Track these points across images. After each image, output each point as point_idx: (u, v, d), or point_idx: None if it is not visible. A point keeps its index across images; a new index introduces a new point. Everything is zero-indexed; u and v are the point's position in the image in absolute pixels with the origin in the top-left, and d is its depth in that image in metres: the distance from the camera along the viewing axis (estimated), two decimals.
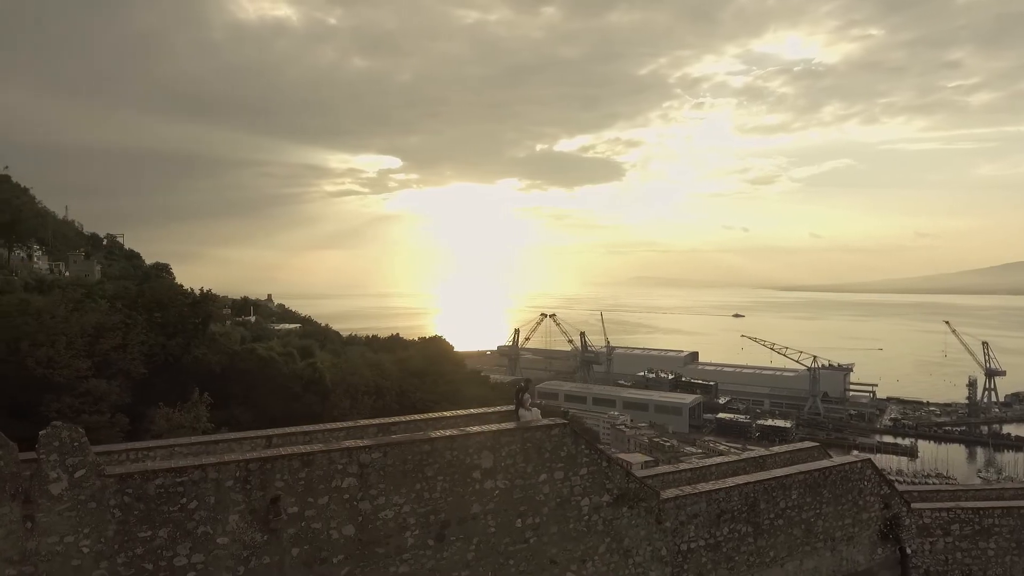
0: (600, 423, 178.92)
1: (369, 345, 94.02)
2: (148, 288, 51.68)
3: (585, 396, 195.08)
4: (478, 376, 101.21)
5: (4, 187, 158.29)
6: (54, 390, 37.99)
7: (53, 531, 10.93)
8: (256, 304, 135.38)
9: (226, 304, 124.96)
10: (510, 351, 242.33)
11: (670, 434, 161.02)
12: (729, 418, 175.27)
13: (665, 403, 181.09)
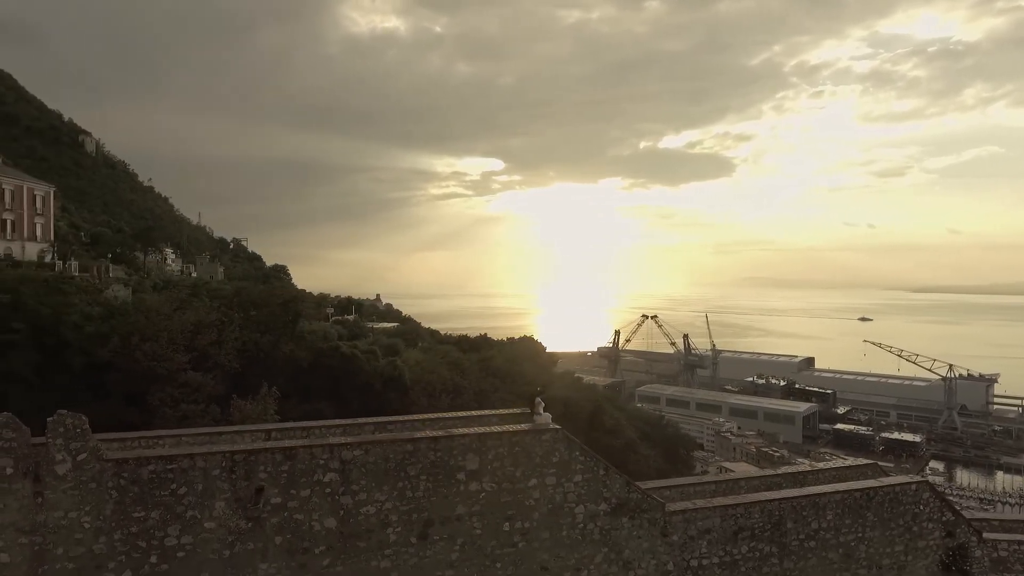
0: (704, 429, 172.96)
1: (458, 345, 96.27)
2: (244, 289, 55.81)
3: (688, 401, 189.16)
4: (570, 377, 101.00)
5: (148, 197, 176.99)
6: (158, 381, 42.03)
7: (59, 507, 12.33)
8: (360, 304, 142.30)
9: (330, 303, 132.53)
10: (610, 353, 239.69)
11: (780, 444, 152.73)
12: (849, 430, 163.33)
13: (776, 411, 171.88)
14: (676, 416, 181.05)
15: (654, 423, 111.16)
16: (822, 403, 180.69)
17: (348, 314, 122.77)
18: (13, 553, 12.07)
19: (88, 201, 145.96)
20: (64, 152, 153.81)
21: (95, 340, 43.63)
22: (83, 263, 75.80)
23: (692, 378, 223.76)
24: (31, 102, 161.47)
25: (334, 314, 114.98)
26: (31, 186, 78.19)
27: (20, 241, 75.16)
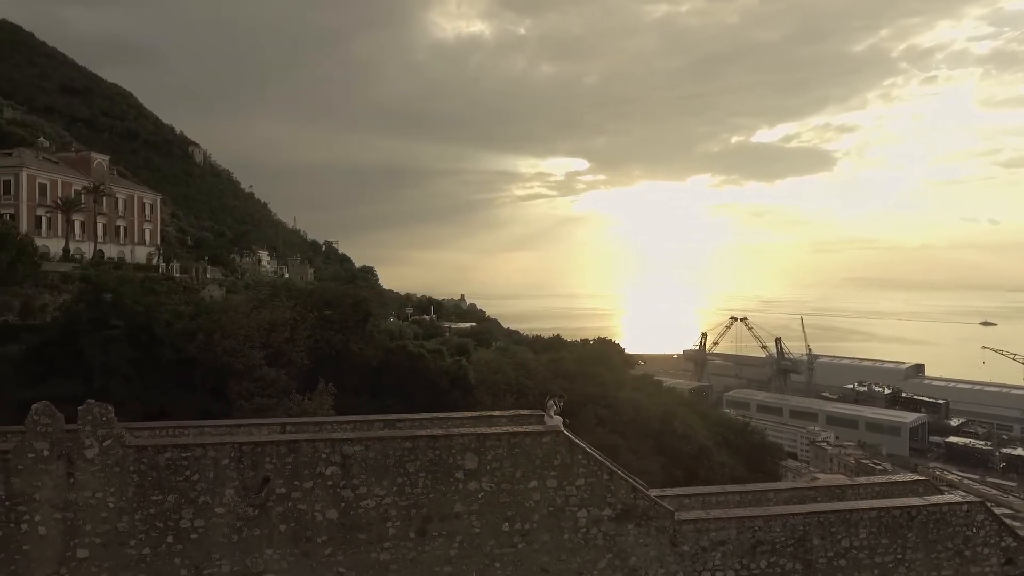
0: (797, 438, 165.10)
1: (531, 345, 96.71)
2: (318, 289, 58.61)
3: (781, 408, 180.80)
4: (645, 380, 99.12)
5: (248, 203, 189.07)
6: (236, 375, 44.98)
7: (87, 487, 13.67)
8: (439, 304, 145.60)
9: (411, 303, 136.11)
10: (696, 356, 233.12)
11: (884, 456, 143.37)
12: (964, 444, 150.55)
13: (880, 421, 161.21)
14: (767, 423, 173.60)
15: (738, 430, 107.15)
16: (933, 414, 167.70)
17: (427, 314, 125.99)
18: (49, 527, 13.50)
19: (195, 207, 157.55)
20: (176, 163, 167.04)
21: (183, 337, 47.18)
22: (184, 265, 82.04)
23: (785, 384, 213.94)
24: (148, 118, 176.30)
25: (413, 314, 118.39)
26: (141, 195, 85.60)
27: (131, 245, 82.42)
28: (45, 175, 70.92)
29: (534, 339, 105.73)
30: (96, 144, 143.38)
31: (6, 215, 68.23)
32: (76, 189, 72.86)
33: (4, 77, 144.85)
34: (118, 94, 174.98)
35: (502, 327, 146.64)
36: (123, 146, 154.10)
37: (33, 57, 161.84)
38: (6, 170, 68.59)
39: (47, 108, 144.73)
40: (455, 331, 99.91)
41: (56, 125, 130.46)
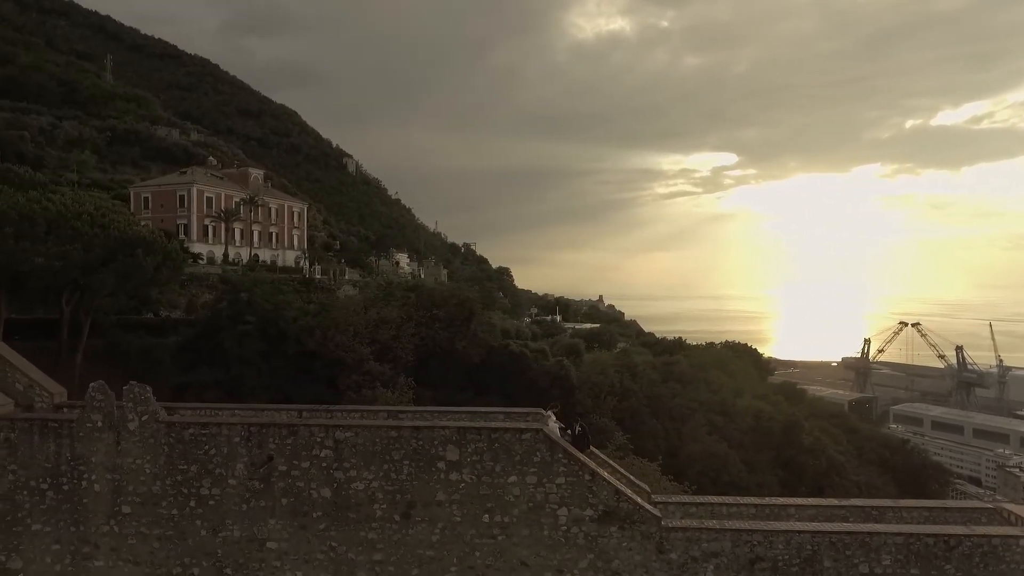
0: (982, 462, 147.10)
1: (652, 348, 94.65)
2: (425, 289, 61.86)
3: (962, 426, 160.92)
4: (785, 388, 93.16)
5: (394, 208, 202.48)
6: (347, 368, 49.13)
7: (130, 454, 16.32)
8: (568, 305, 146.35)
9: (535, 303, 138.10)
10: (857, 364, 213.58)
11: None
12: None
13: None
14: (944, 443, 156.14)
15: (895, 447, 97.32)
16: None
17: (552, 314, 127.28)
18: (102, 485, 16.31)
19: (347, 213, 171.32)
20: (331, 173, 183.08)
21: (304, 332, 52.31)
22: (324, 267, 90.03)
23: (968, 399, 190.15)
24: (309, 134, 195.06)
25: (538, 314, 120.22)
26: (290, 204, 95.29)
27: (282, 249, 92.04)
28: (211, 189, 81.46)
29: (655, 342, 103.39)
30: (265, 159, 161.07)
31: (181, 225, 79.28)
32: (236, 201, 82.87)
33: (194, 105, 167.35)
34: (285, 114, 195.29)
35: (621, 328, 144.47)
36: (287, 160, 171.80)
37: (218, 86, 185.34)
38: (181, 186, 79.70)
39: (228, 130, 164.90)
40: (575, 332, 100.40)
41: (232, 144, 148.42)
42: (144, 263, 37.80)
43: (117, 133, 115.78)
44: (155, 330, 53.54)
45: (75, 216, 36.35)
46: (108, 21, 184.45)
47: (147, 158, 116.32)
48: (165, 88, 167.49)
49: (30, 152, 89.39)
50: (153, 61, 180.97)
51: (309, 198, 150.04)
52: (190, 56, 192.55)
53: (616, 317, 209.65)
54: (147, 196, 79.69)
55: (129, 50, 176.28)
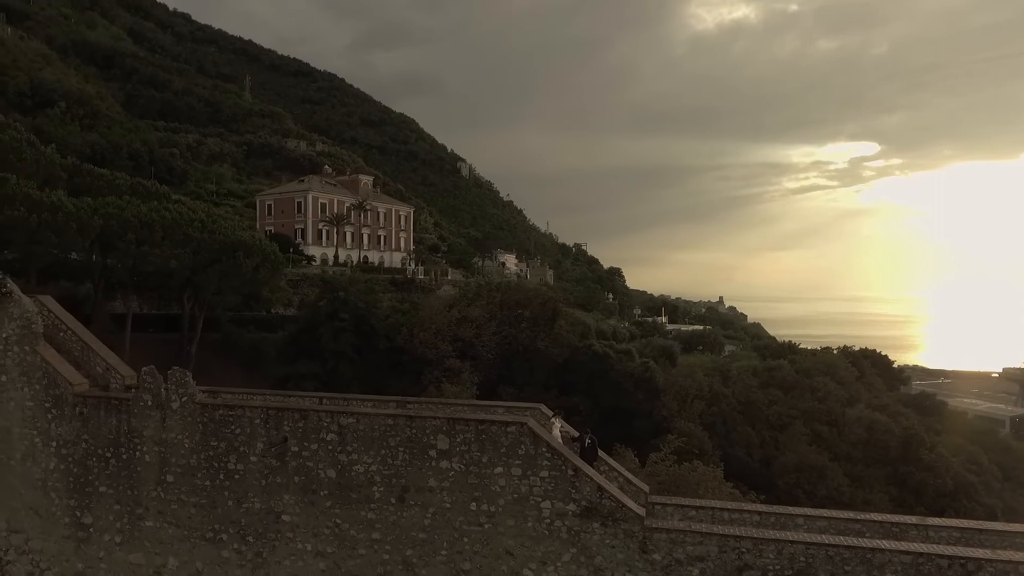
0: None
1: (760, 352, 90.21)
2: (511, 288, 63.00)
3: None
4: (918, 400, 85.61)
5: (506, 210, 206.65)
6: (429, 364, 51.45)
7: (173, 429, 18.68)
8: (675, 306, 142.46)
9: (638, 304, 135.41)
10: (1022, 376, 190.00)
11: None
12: None
13: None
14: None
15: None
16: None
17: (658, 316, 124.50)
18: (151, 456, 18.80)
19: (459, 216, 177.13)
20: (446, 177, 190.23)
21: (393, 329, 55.37)
22: (427, 268, 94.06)
23: None
24: (426, 140, 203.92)
25: (642, 315, 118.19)
26: (398, 208, 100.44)
27: (389, 251, 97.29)
28: (325, 196, 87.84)
29: (766, 346, 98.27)
30: (384, 166, 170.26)
31: (298, 229, 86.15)
32: (347, 206, 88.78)
33: (322, 117, 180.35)
34: (403, 122, 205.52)
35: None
36: (404, 166, 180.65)
37: (343, 99, 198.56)
38: (298, 193, 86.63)
39: (351, 139, 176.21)
40: (677, 334, 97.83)
41: (355, 153, 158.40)
42: (244, 264, 41.87)
43: (253, 147, 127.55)
44: (265, 325, 58.89)
45: (188, 223, 41.03)
46: (250, 45, 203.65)
47: (278, 168, 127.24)
48: (298, 103, 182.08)
49: (178, 166, 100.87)
50: (288, 79, 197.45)
51: (423, 202, 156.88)
52: (320, 72, 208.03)
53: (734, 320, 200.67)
54: (270, 203, 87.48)
55: (267, 70, 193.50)
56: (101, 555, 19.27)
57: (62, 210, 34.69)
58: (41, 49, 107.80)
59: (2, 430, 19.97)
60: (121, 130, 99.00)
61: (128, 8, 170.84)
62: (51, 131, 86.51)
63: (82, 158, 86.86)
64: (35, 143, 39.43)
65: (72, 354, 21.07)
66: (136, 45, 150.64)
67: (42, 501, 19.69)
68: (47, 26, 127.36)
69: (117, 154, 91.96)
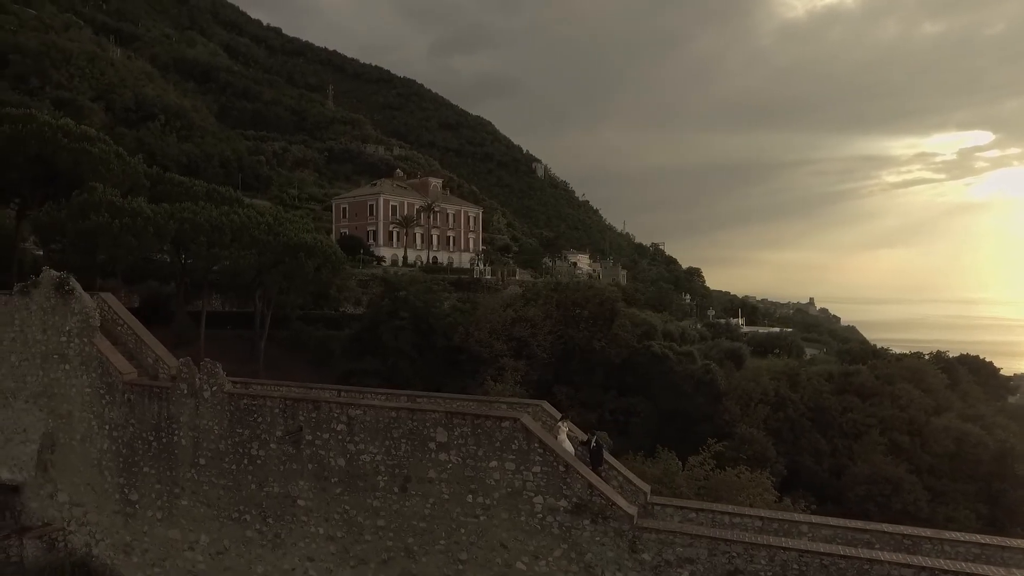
0: None
1: (841, 357, 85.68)
2: (568, 289, 62.84)
3: None
4: (987, 409, 78.85)
5: (581, 210, 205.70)
6: (484, 363, 52.33)
7: (204, 416, 20.22)
8: (754, 307, 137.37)
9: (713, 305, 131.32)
10: None
11: None
12: None
13: None
14: None
15: None
16: None
17: (735, 317, 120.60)
18: (187, 440, 20.42)
19: (534, 217, 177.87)
20: (521, 178, 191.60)
21: (451, 328, 56.67)
22: (495, 268, 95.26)
23: None
24: (502, 141, 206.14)
25: (716, 316, 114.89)
26: (467, 210, 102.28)
27: (458, 252, 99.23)
28: (396, 198, 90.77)
29: (852, 350, 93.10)
30: (460, 168, 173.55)
31: (370, 231, 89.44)
32: (416, 208, 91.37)
33: (402, 122, 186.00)
34: (480, 124, 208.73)
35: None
36: (480, 167, 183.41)
37: (422, 103, 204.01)
38: (370, 197, 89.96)
39: (429, 143, 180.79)
40: (752, 336, 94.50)
41: (431, 156, 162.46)
42: (306, 264, 44.16)
43: (334, 152, 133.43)
44: (333, 323, 61.63)
45: (255, 226, 43.74)
46: (335, 55, 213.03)
47: (357, 173, 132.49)
48: (379, 109, 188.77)
49: (264, 173, 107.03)
50: (370, 86, 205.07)
51: (497, 203, 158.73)
52: (400, 79, 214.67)
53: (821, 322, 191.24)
54: (345, 206, 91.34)
55: (351, 79, 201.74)
56: (145, 529, 21.11)
57: (141, 215, 37.83)
58: (145, 67, 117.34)
59: (66, 413, 22.26)
60: (213, 140, 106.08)
61: (224, 25, 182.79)
62: (151, 143, 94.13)
63: (178, 167, 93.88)
64: (122, 155, 43.11)
65: (127, 346, 23.16)
66: (231, 60, 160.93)
67: (97, 478, 21.79)
68: (152, 46, 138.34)
69: (209, 162, 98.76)
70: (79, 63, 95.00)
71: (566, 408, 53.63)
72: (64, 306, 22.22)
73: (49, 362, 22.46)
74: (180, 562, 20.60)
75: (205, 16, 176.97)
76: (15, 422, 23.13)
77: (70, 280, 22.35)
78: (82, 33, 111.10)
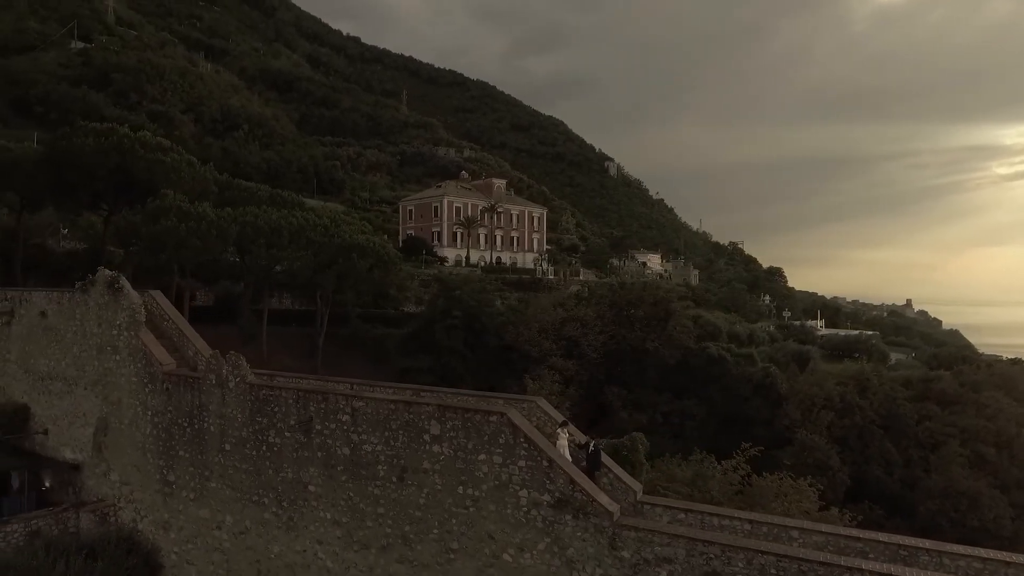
0: None
1: (927, 364, 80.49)
2: (623, 289, 62.11)
3: None
4: None
5: (656, 209, 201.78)
6: (533, 362, 52.70)
7: (230, 404, 21.71)
8: (837, 308, 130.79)
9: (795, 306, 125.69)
10: None
11: None
12: None
13: None
14: None
15: None
16: None
17: (814, 318, 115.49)
18: (215, 427, 22.01)
19: (606, 216, 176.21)
20: (593, 177, 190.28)
21: (504, 327, 57.38)
22: (557, 268, 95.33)
23: None
24: (574, 141, 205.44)
25: (791, 317, 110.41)
26: (530, 210, 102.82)
27: (522, 252, 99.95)
28: (459, 200, 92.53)
29: (937, 354, 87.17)
30: (531, 168, 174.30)
31: (435, 232, 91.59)
32: (480, 209, 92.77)
33: (474, 124, 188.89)
34: (552, 124, 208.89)
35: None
36: (551, 168, 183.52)
37: (494, 105, 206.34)
38: (435, 198, 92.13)
39: (500, 144, 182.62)
40: (826, 339, 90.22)
41: (502, 157, 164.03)
42: (358, 265, 46.02)
43: (406, 156, 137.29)
44: (392, 322, 63.69)
45: (311, 228, 46.02)
46: (410, 61, 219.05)
47: (429, 175, 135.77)
48: (452, 112, 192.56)
49: (338, 177, 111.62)
50: (443, 90, 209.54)
51: (567, 203, 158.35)
52: (473, 82, 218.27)
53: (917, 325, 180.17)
54: (411, 208, 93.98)
55: (425, 83, 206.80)
56: (180, 508, 22.90)
57: (205, 219, 40.65)
58: (232, 80, 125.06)
59: (116, 400, 24.45)
60: (293, 147, 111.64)
61: (308, 37, 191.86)
62: (236, 151, 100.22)
63: (259, 173, 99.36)
64: (193, 163, 46.40)
65: (172, 340, 25.16)
66: (313, 69, 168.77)
67: (141, 460, 23.82)
68: (241, 59, 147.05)
69: (288, 168, 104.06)
70: (172, 78, 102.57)
71: (616, 409, 53.41)
72: (115, 302, 24.41)
73: (103, 353, 24.74)
74: (209, 540, 22.23)
75: (290, 29, 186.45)
76: (76, 407, 25.61)
77: (120, 279, 24.52)
78: (176, 50, 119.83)
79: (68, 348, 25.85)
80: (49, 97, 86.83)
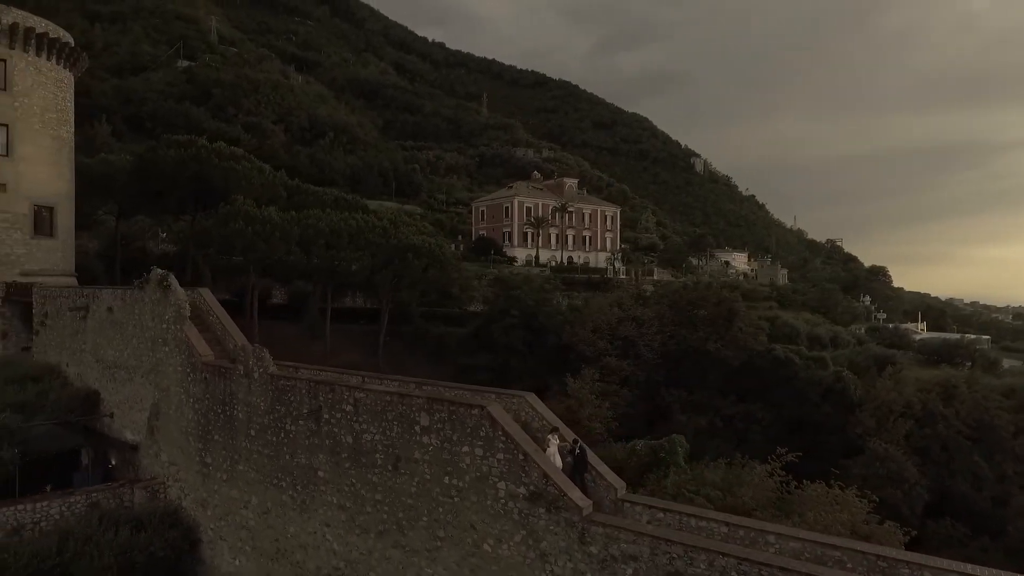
0: None
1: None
2: (685, 289, 60.43)
3: None
4: None
5: (745, 206, 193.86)
6: (587, 361, 52.47)
7: (255, 393, 23.34)
8: (942, 310, 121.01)
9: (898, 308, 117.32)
10: None
11: None
12: None
13: None
14: None
15: None
16: None
17: (914, 320, 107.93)
18: (242, 413, 23.72)
19: (691, 214, 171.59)
20: (678, 174, 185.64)
21: (562, 326, 57.50)
22: (630, 268, 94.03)
23: None
24: (659, 137, 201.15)
25: (887, 319, 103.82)
26: (603, 209, 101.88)
27: (594, 252, 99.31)
28: (530, 200, 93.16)
29: None
30: (613, 167, 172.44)
31: (505, 232, 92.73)
32: (551, 209, 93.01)
33: (556, 124, 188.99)
34: (636, 122, 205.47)
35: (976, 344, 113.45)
36: (635, 166, 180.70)
37: (576, 104, 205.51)
38: (506, 199, 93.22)
39: (582, 143, 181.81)
40: (922, 343, 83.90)
41: (581, 157, 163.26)
42: (413, 265, 47.62)
43: (485, 157, 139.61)
44: (455, 321, 65.28)
45: (370, 229, 48.07)
46: (493, 64, 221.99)
47: (508, 176, 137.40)
48: (534, 113, 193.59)
49: (417, 180, 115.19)
50: (526, 91, 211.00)
51: (650, 201, 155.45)
52: (555, 82, 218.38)
53: None
54: (483, 209, 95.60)
55: (508, 85, 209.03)
56: (215, 488, 24.83)
57: (270, 222, 43.44)
58: (321, 90, 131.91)
59: (166, 387, 26.81)
60: (375, 152, 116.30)
61: (394, 45, 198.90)
62: (321, 158, 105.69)
63: (343, 178, 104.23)
64: (263, 170, 49.66)
65: (215, 334, 27.28)
66: (399, 76, 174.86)
67: (185, 443, 26.00)
68: (332, 70, 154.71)
69: (369, 173, 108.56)
70: (265, 91, 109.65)
71: (675, 412, 52.12)
72: (165, 299, 26.78)
73: (156, 345, 27.19)
74: (237, 518, 23.98)
75: (378, 38, 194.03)
76: (135, 393, 28.29)
77: (168, 277, 26.86)
78: (272, 64, 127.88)
79: (129, 340, 28.59)
80: (157, 113, 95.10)
